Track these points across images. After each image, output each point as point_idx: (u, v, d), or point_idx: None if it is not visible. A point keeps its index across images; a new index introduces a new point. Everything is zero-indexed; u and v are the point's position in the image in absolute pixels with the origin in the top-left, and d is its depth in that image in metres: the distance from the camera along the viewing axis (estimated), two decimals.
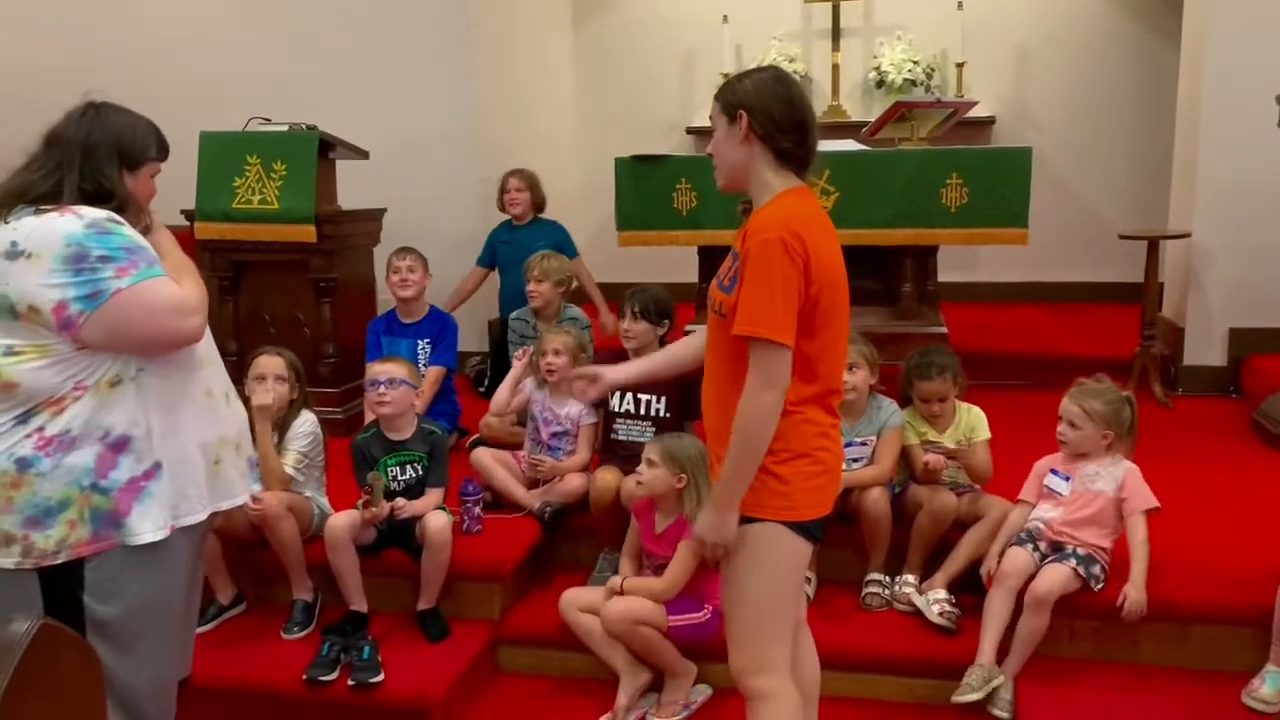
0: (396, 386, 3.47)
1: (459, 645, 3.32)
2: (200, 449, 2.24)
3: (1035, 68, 7.05)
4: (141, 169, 2.26)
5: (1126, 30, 6.88)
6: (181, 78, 5.92)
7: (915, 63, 7.01)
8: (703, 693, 3.19)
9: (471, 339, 5.54)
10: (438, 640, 3.32)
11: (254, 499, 2.99)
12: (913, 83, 6.99)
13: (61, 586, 2.11)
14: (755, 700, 2.28)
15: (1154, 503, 3.07)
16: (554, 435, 3.85)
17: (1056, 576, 3.00)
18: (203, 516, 2.25)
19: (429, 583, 3.36)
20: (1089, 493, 3.11)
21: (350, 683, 3.07)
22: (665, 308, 3.76)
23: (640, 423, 3.72)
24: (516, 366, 3.92)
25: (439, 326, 4.55)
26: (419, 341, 4.48)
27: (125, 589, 2.14)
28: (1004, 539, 3.18)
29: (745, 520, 2.21)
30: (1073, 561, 3.03)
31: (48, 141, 2.20)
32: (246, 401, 3.01)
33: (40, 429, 2.07)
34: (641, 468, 3.18)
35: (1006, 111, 7.04)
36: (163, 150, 2.32)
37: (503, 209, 5.41)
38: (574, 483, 3.72)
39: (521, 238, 5.28)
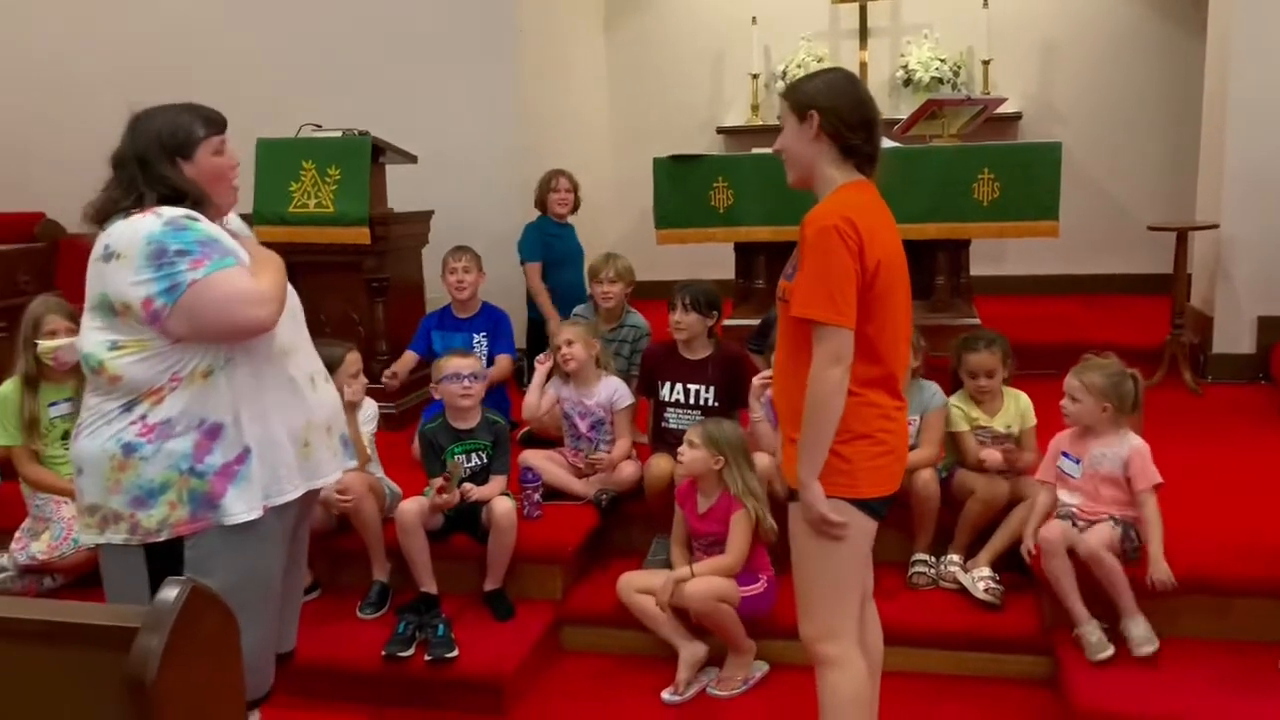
0: (479, 379, 3.65)
1: (525, 624, 3.48)
2: (288, 433, 2.36)
3: (1061, 63, 7.16)
4: (197, 152, 2.31)
5: (1151, 24, 6.98)
6: (235, 86, 6.10)
7: (942, 61, 7.13)
8: (760, 669, 3.33)
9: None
10: (505, 619, 3.49)
11: (340, 493, 3.17)
12: (940, 80, 7.11)
13: (165, 562, 2.25)
14: (823, 666, 2.42)
15: (1157, 478, 3.15)
16: (592, 427, 4.00)
17: (1099, 532, 3.12)
18: (294, 496, 2.37)
19: (495, 564, 3.53)
20: (1098, 474, 3.21)
21: (427, 658, 3.24)
22: (714, 300, 3.90)
23: (690, 412, 3.86)
24: (539, 371, 4.02)
25: (494, 320, 4.69)
26: (474, 335, 4.63)
27: (222, 565, 2.26)
28: (1037, 520, 3.29)
29: None
30: (1111, 524, 3.15)
31: (114, 164, 2.34)
32: None
33: (143, 417, 2.23)
34: (682, 449, 3.35)
35: (1033, 107, 7.15)
36: (211, 124, 2.35)
37: (543, 208, 5.50)
38: (625, 471, 3.87)
39: (571, 236, 5.41)
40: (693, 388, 3.89)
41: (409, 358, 4.71)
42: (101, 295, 2.23)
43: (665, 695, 3.24)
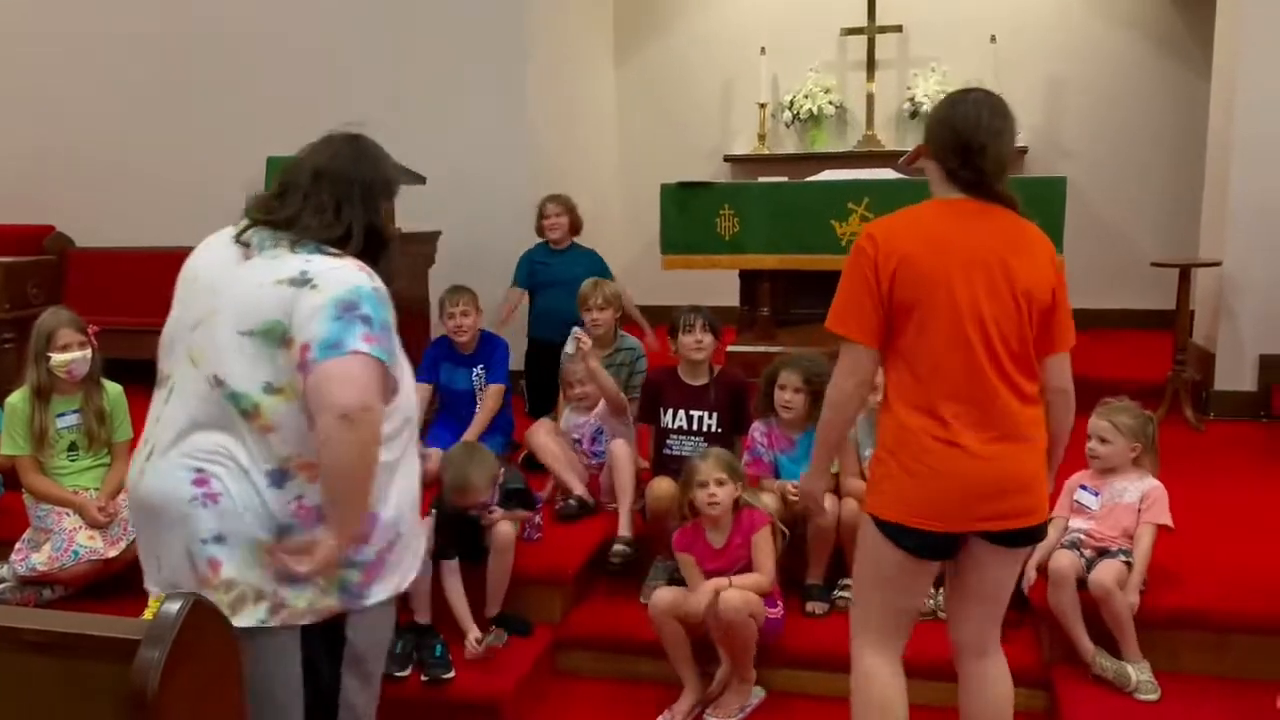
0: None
1: (522, 646, 3.47)
2: (416, 519, 2.31)
3: (1067, 99, 7.21)
4: (385, 205, 2.25)
5: (1157, 62, 7.03)
6: (245, 104, 6.19)
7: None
8: (758, 695, 3.32)
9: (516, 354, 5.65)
10: (527, 634, 3.50)
11: None
12: None
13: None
14: (851, 665, 2.51)
15: (1168, 520, 3.19)
16: (592, 439, 4.07)
17: (1111, 567, 3.11)
18: (412, 578, 2.32)
19: (495, 587, 3.51)
20: (1119, 506, 3.23)
21: (423, 679, 3.23)
22: (718, 323, 3.95)
23: (692, 438, 3.87)
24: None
25: (490, 349, 4.68)
26: (474, 370, 4.62)
27: (375, 630, 2.29)
28: (1041, 553, 3.28)
29: None
30: (1121, 558, 3.15)
31: (317, 174, 2.14)
32: None
33: (299, 497, 2.04)
34: (713, 492, 3.24)
35: (1038, 141, 7.19)
36: (397, 184, 2.31)
37: (540, 233, 5.53)
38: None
39: (560, 262, 5.40)
40: (695, 414, 3.90)
41: (424, 392, 4.65)
42: (275, 322, 2.00)
43: None
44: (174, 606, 1.74)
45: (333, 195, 2.13)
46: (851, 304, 2.30)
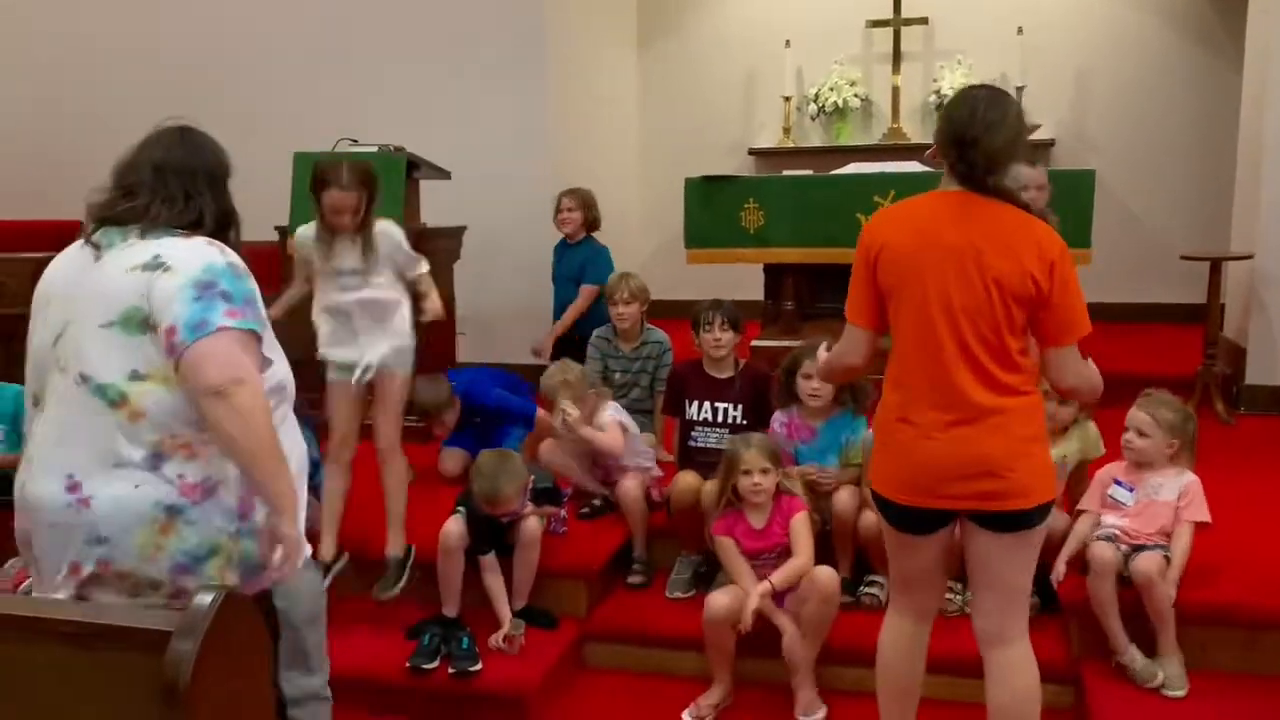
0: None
1: (548, 640, 3.49)
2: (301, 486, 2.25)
3: (1095, 90, 7.14)
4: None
5: (1186, 53, 6.95)
6: (271, 100, 6.22)
7: None
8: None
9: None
10: (552, 627, 3.53)
11: None
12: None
13: None
14: None
15: (1206, 517, 3.16)
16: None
17: (1153, 558, 3.08)
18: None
19: (521, 581, 3.54)
20: (1154, 503, 3.20)
21: (450, 671, 3.26)
22: (740, 317, 3.95)
23: (717, 430, 3.87)
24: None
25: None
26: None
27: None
28: (1071, 548, 3.27)
29: None
30: (1160, 553, 3.12)
31: (164, 171, 2.15)
32: None
33: (180, 476, 2.03)
34: (758, 480, 3.27)
35: (1066, 134, 7.13)
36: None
37: (557, 227, 5.52)
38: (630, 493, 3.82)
39: (570, 256, 5.42)
40: (720, 406, 3.90)
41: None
42: (134, 309, 2.02)
43: (685, 716, 3.25)
44: (206, 599, 1.76)
45: (180, 186, 2.15)
46: (851, 286, 2.52)
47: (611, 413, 3.98)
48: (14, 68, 6.86)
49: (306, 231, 3.57)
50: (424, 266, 3.64)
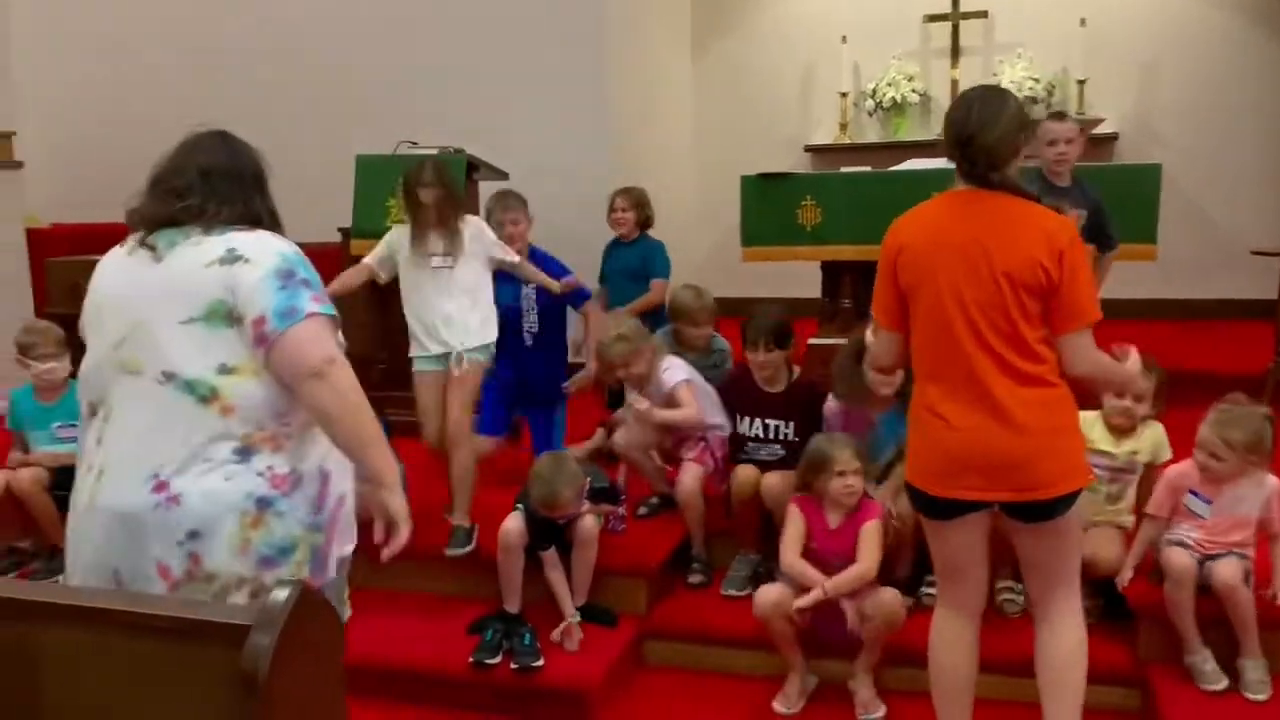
0: None
1: (608, 637, 3.51)
2: (347, 475, 2.24)
3: (1160, 82, 7.01)
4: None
5: (1255, 44, 6.80)
6: (334, 103, 6.33)
7: (1036, 80, 7.03)
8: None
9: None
10: (613, 624, 3.55)
11: None
12: (1033, 100, 7.01)
13: None
14: None
15: None
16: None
17: (1234, 564, 3.04)
18: (351, 547, 2.26)
19: (580, 580, 3.56)
20: (1234, 517, 3.11)
21: (513, 666, 3.30)
22: (786, 329, 3.84)
23: (769, 445, 3.81)
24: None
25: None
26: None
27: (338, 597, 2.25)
28: (1138, 553, 3.23)
29: None
30: (1237, 559, 3.07)
31: (211, 174, 2.16)
32: None
33: (270, 467, 2.04)
34: (850, 481, 3.25)
35: (1130, 127, 7.01)
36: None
37: (610, 227, 5.52)
38: (686, 486, 3.80)
39: (625, 253, 5.42)
40: (772, 423, 3.81)
41: None
42: (218, 302, 2.03)
43: (776, 705, 3.27)
44: (282, 593, 1.80)
45: (230, 188, 2.17)
46: (876, 289, 2.62)
47: (680, 374, 3.90)
48: (84, 74, 7.06)
49: (399, 231, 3.84)
50: (514, 255, 3.96)
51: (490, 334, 3.80)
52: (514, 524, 3.53)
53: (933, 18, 7.30)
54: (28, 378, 4.08)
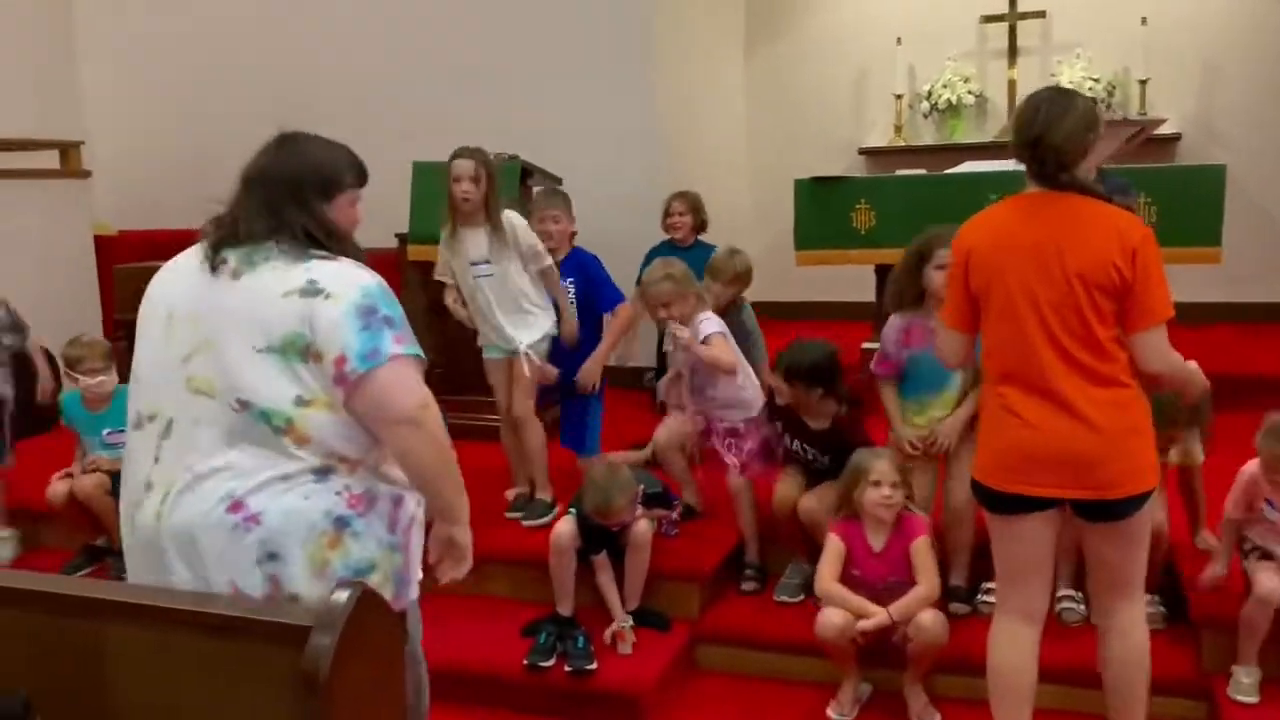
0: None
1: (661, 641, 3.52)
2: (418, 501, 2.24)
3: (1224, 83, 6.84)
4: (339, 198, 2.14)
5: None
6: (389, 111, 6.40)
7: (1095, 80, 6.91)
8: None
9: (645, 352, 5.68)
10: (665, 629, 3.56)
11: None
12: (1093, 101, 6.89)
13: None
14: None
15: None
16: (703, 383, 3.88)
17: None
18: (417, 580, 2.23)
19: (633, 584, 3.58)
20: None
21: (566, 669, 3.32)
22: (818, 367, 3.58)
23: (799, 461, 3.74)
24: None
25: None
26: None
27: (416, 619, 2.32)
28: (1228, 552, 3.16)
29: None
30: None
31: (246, 181, 2.11)
32: None
33: (347, 487, 2.02)
34: (888, 492, 3.19)
35: (1192, 128, 6.85)
36: (359, 174, 2.21)
37: (665, 230, 5.51)
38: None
39: (682, 259, 5.39)
40: (810, 451, 3.70)
41: None
42: (296, 334, 1.96)
43: (830, 712, 3.26)
44: (343, 595, 1.83)
45: (262, 196, 2.07)
46: (947, 291, 2.69)
47: (715, 326, 3.81)
48: (150, 80, 7.22)
49: (444, 234, 4.04)
50: (546, 260, 3.99)
51: (548, 322, 3.99)
52: (565, 527, 3.55)
53: (989, 18, 7.20)
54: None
